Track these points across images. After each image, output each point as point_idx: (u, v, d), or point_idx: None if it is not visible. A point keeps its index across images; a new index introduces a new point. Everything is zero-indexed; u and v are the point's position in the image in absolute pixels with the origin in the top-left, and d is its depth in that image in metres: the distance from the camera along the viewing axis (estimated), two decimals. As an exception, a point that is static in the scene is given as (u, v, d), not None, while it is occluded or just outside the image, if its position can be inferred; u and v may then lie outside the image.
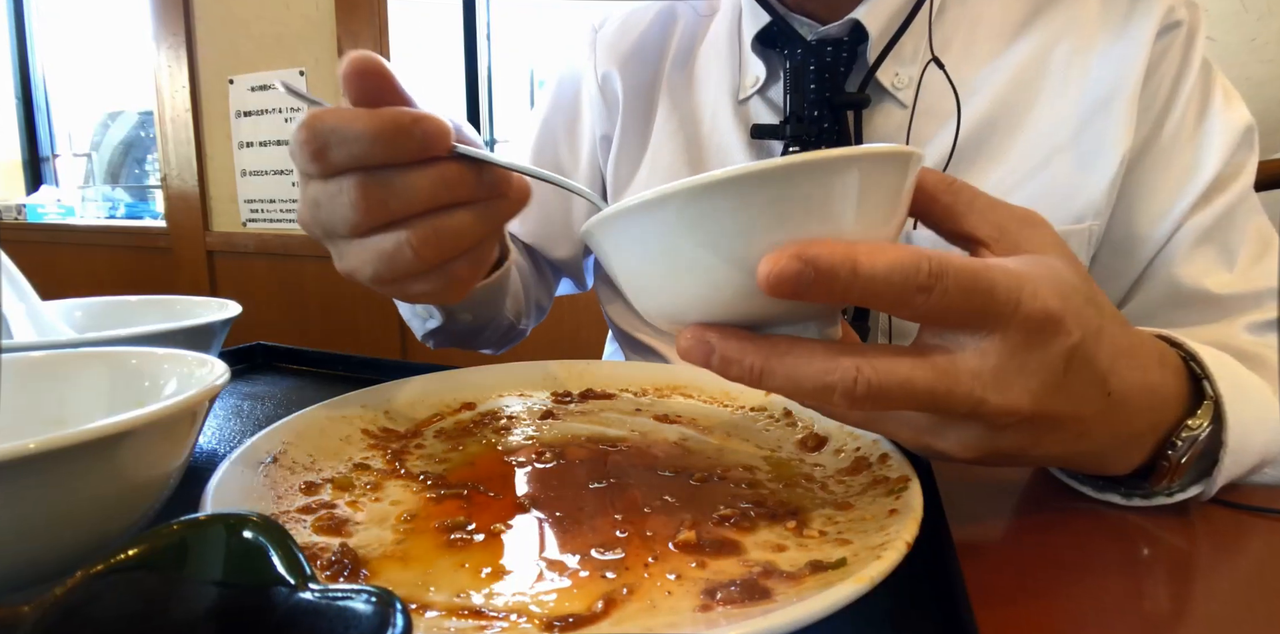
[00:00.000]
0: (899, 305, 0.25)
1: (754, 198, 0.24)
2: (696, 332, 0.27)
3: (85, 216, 2.80)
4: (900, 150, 0.26)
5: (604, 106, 0.69)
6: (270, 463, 0.34)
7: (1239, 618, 0.28)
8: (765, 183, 0.24)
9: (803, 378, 0.26)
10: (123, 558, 0.19)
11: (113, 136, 2.83)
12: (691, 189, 0.24)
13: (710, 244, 0.25)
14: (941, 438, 0.29)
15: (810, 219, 0.25)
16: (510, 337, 0.71)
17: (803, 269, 0.24)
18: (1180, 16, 0.54)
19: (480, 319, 0.60)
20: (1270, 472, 0.38)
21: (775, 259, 0.24)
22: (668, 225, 0.25)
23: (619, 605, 0.25)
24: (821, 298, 0.24)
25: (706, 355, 0.27)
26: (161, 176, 2.39)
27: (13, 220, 2.70)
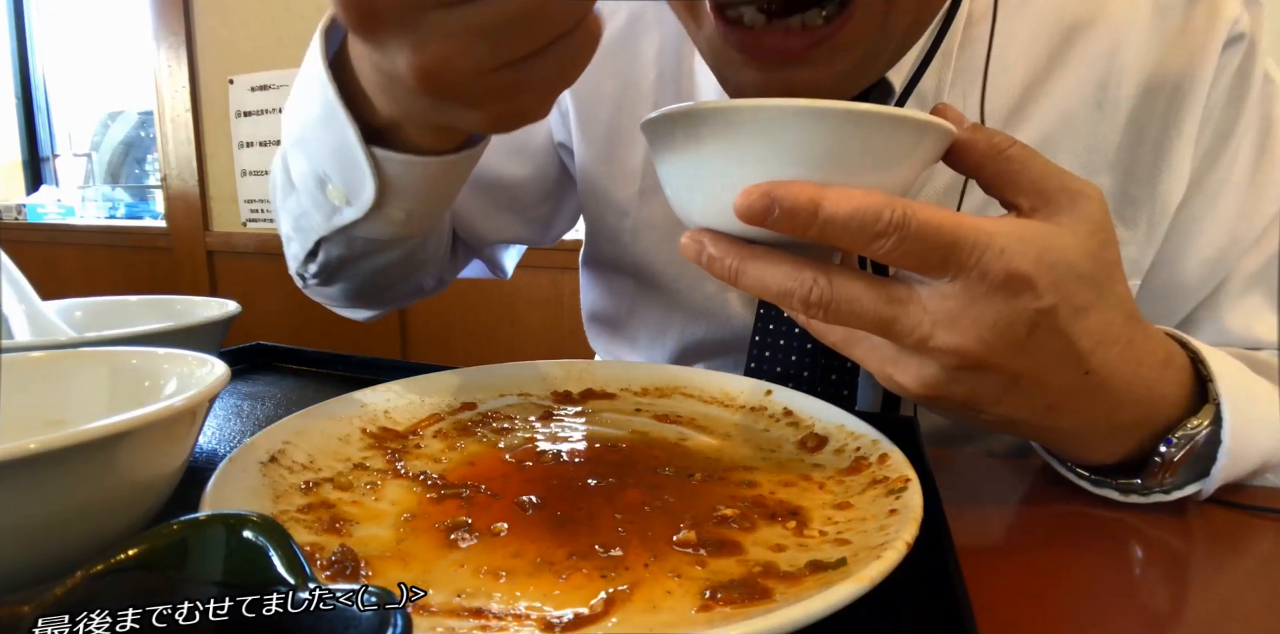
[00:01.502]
0: (859, 247, 0.28)
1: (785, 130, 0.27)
2: (696, 233, 0.31)
3: (85, 216, 2.80)
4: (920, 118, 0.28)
5: (557, 113, 0.61)
6: (270, 463, 0.34)
7: (1239, 618, 0.28)
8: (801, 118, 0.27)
9: (769, 280, 0.30)
10: (123, 558, 0.19)
11: (113, 136, 2.83)
12: (739, 108, 0.28)
13: (734, 160, 0.29)
14: (902, 369, 0.31)
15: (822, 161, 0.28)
16: (406, 289, 0.61)
17: (770, 206, 0.27)
18: (1244, 27, 0.46)
19: (413, 222, 0.46)
20: (1272, 477, 0.38)
21: (749, 193, 0.27)
22: (707, 136, 0.29)
23: (619, 605, 0.25)
24: (786, 231, 0.28)
25: (698, 252, 0.31)
26: (161, 176, 2.39)
27: (13, 220, 2.70)
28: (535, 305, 1.85)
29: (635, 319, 0.67)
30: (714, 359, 0.63)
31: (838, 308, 0.29)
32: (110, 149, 2.84)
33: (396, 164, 0.40)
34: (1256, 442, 0.34)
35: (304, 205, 0.47)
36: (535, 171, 0.65)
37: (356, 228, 0.46)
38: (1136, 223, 0.49)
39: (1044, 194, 0.30)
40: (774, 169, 0.28)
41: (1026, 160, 0.31)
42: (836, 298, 0.29)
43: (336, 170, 0.42)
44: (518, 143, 0.64)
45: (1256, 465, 0.36)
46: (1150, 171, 0.48)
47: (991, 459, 0.46)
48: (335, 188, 0.43)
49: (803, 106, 0.27)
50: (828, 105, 0.27)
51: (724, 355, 0.62)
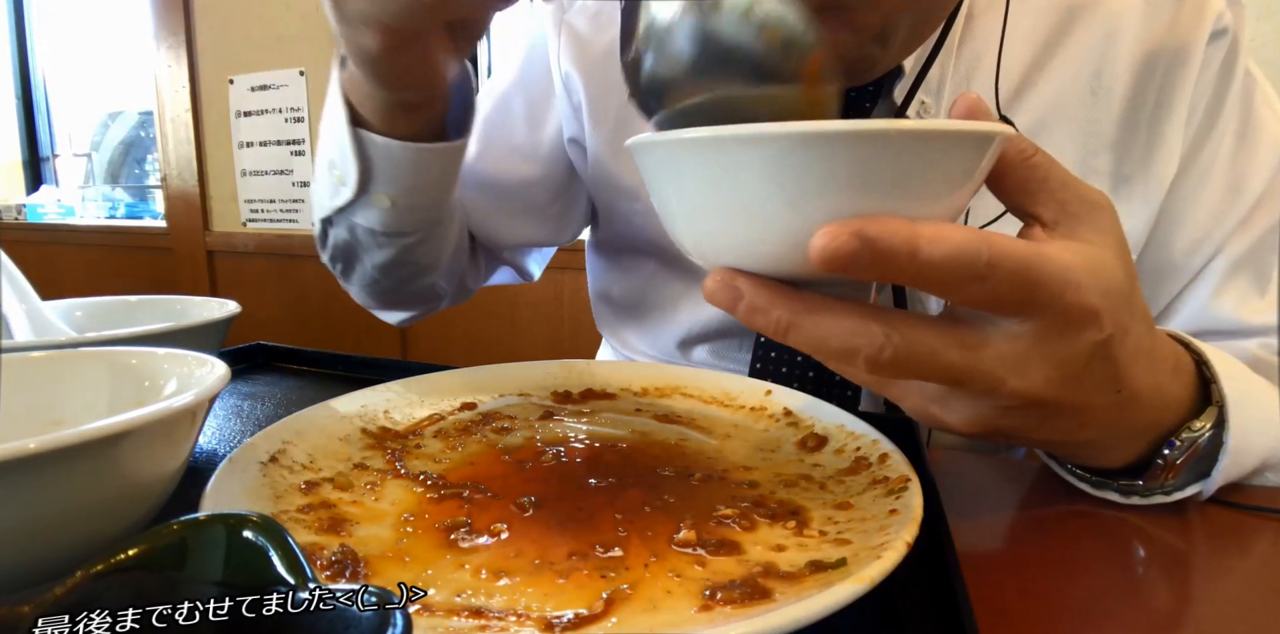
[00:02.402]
0: (949, 291, 0.25)
1: (842, 156, 0.23)
2: (726, 276, 0.26)
3: (85, 216, 2.80)
4: (994, 130, 0.25)
5: (569, 106, 0.63)
6: (270, 463, 0.34)
7: (1239, 618, 0.28)
8: (861, 143, 0.23)
9: (829, 338, 0.25)
10: (123, 558, 0.19)
11: (113, 136, 2.83)
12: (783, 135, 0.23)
13: (775, 194, 0.24)
14: (949, 410, 0.29)
15: (886, 187, 0.24)
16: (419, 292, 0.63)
17: (860, 250, 0.22)
18: (1227, 22, 0.50)
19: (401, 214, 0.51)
20: (1272, 476, 0.39)
21: (834, 233, 0.23)
22: (742, 165, 0.24)
23: (619, 605, 0.25)
24: (872, 277, 0.24)
25: (733, 301, 0.26)
26: (161, 176, 2.39)
27: (13, 220, 2.70)
28: (535, 305, 1.85)
29: (646, 298, 0.68)
30: (720, 340, 0.64)
31: (911, 366, 0.25)
32: (110, 149, 2.84)
33: (376, 146, 0.46)
34: (1257, 442, 0.35)
35: (318, 186, 0.53)
36: (545, 172, 0.66)
37: (353, 211, 0.51)
38: (1132, 199, 0.52)
39: (1064, 205, 0.29)
40: (833, 203, 0.24)
41: (1049, 168, 0.29)
42: (910, 355, 0.25)
43: (337, 152, 0.48)
44: (527, 146, 0.65)
45: (1256, 465, 0.36)
46: (1144, 153, 0.51)
47: (991, 459, 0.46)
48: (336, 169, 0.49)
49: (864, 130, 0.23)
50: (890, 127, 0.23)
51: (731, 337, 0.62)
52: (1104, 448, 0.34)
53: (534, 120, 0.65)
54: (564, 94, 0.62)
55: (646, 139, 0.27)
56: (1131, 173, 0.51)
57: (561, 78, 0.62)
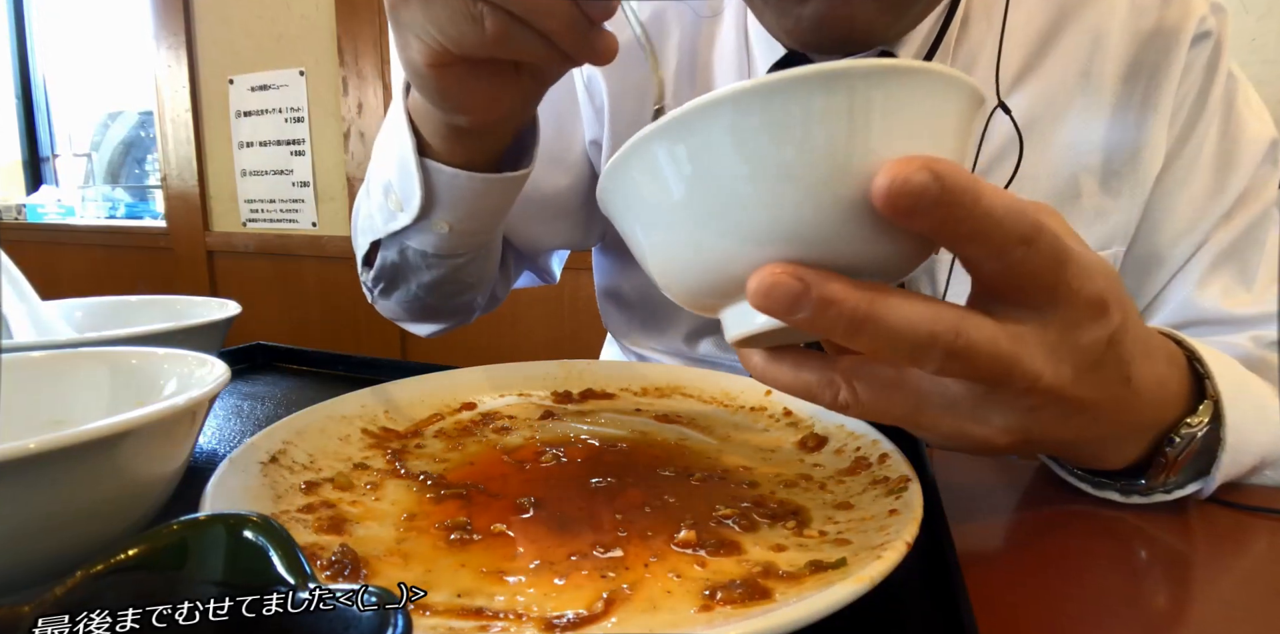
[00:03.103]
0: (997, 251, 0.23)
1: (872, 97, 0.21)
2: (788, 266, 0.22)
3: (85, 216, 2.80)
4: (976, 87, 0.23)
5: (592, 109, 0.64)
6: (270, 463, 0.34)
7: (1239, 618, 0.28)
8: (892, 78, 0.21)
9: (908, 328, 0.23)
10: (123, 558, 0.19)
11: (113, 136, 2.83)
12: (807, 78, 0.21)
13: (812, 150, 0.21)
14: (984, 422, 0.27)
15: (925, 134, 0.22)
16: (457, 307, 0.64)
17: (930, 184, 0.21)
18: (1210, 26, 0.52)
19: (457, 238, 0.51)
20: (1270, 474, 0.39)
21: (903, 166, 0.21)
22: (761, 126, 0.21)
23: (619, 605, 0.25)
24: (928, 225, 0.22)
25: (797, 295, 0.22)
26: (161, 176, 2.39)
27: (13, 220, 2.70)
28: (536, 305, 1.85)
29: (652, 295, 0.68)
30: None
31: (976, 353, 0.23)
32: (110, 149, 2.84)
33: (443, 175, 0.46)
34: (1254, 438, 0.35)
35: (372, 209, 0.53)
36: (576, 178, 0.67)
37: (408, 235, 0.51)
38: (1120, 193, 0.53)
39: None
40: (896, 146, 0.21)
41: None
42: (978, 341, 0.23)
43: (397, 178, 0.48)
44: (559, 155, 0.67)
45: (1255, 462, 0.36)
46: (1131, 149, 0.53)
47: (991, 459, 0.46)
48: (394, 194, 0.49)
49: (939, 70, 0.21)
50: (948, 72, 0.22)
51: None
52: (1109, 446, 0.34)
53: (562, 129, 0.66)
54: (587, 98, 0.64)
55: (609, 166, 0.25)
56: (1120, 168, 0.53)
57: (584, 81, 0.64)
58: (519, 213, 0.65)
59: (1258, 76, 1.26)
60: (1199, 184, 0.53)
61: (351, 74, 1.98)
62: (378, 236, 0.53)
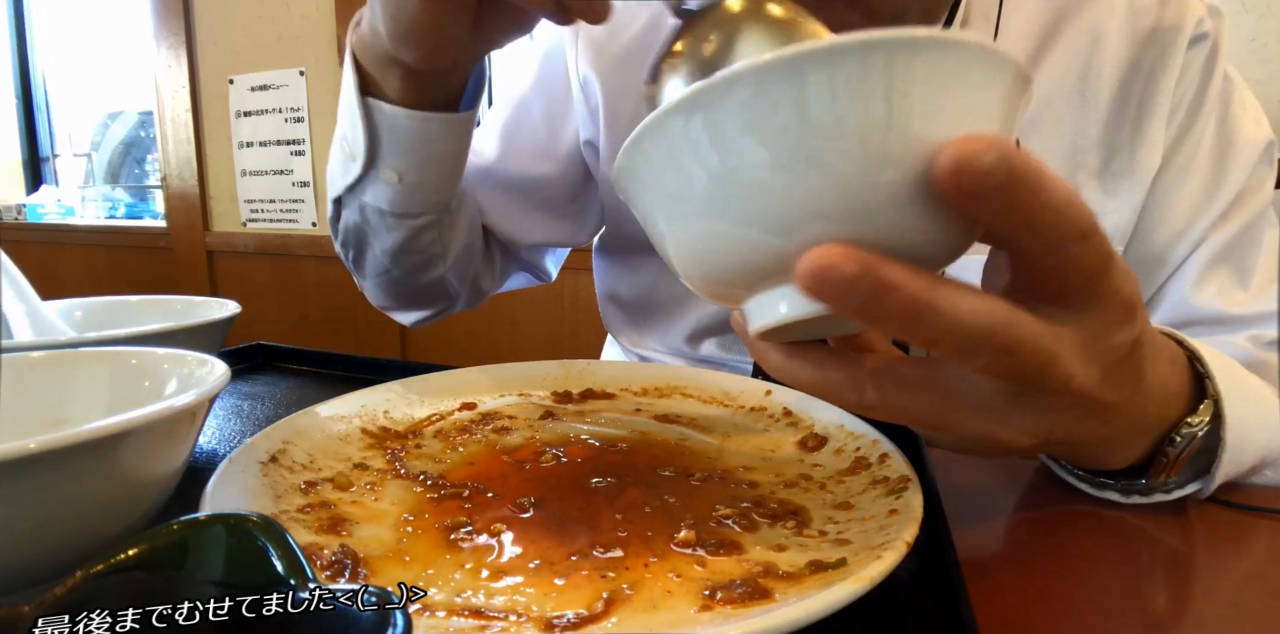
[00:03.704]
0: (1052, 248, 0.22)
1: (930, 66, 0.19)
2: (845, 247, 0.20)
3: (85, 216, 2.80)
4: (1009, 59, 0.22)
5: (586, 110, 0.64)
6: (270, 463, 0.34)
7: (1239, 618, 0.28)
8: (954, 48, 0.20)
9: (968, 320, 0.21)
10: (123, 558, 0.19)
11: (113, 136, 2.83)
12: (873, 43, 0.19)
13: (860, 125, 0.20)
14: (1009, 424, 0.26)
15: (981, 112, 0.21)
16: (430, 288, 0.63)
17: (997, 166, 0.19)
18: (1207, 28, 0.52)
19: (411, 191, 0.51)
20: (1271, 474, 0.39)
21: (971, 144, 0.19)
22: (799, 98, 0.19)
23: (619, 605, 0.25)
24: (989, 210, 0.20)
25: (853, 278, 0.20)
26: (161, 176, 2.39)
27: (13, 220, 2.70)
28: (535, 305, 1.85)
29: (653, 296, 0.69)
30: (728, 334, 0.65)
31: (1025, 346, 0.22)
32: (110, 149, 2.84)
33: (384, 114, 0.47)
34: (1254, 437, 0.35)
35: (333, 166, 0.54)
36: (562, 171, 0.67)
37: (362, 190, 0.52)
38: (1118, 192, 0.54)
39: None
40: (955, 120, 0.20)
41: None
42: (1028, 334, 0.22)
43: (348, 124, 0.49)
44: (547, 146, 0.67)
45: (1255, 461, 0.36)
46: (1129, 149, 0.53)
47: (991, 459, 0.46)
48: (345, 143, 0.50)
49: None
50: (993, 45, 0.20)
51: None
52: (1114, 447, 0.34)
53: (552, 122, 0.66)
54: (582, 98, 0.64)
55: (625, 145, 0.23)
56: (1118, 169, 0.54)
57: (580, 82, 0.63)
58: (501, 202, 0.66)
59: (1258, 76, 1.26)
60: (1195, 184, 0.53)
61: (351, 74, 1.98)
62: (338, 193, 0.54)
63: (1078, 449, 0.34)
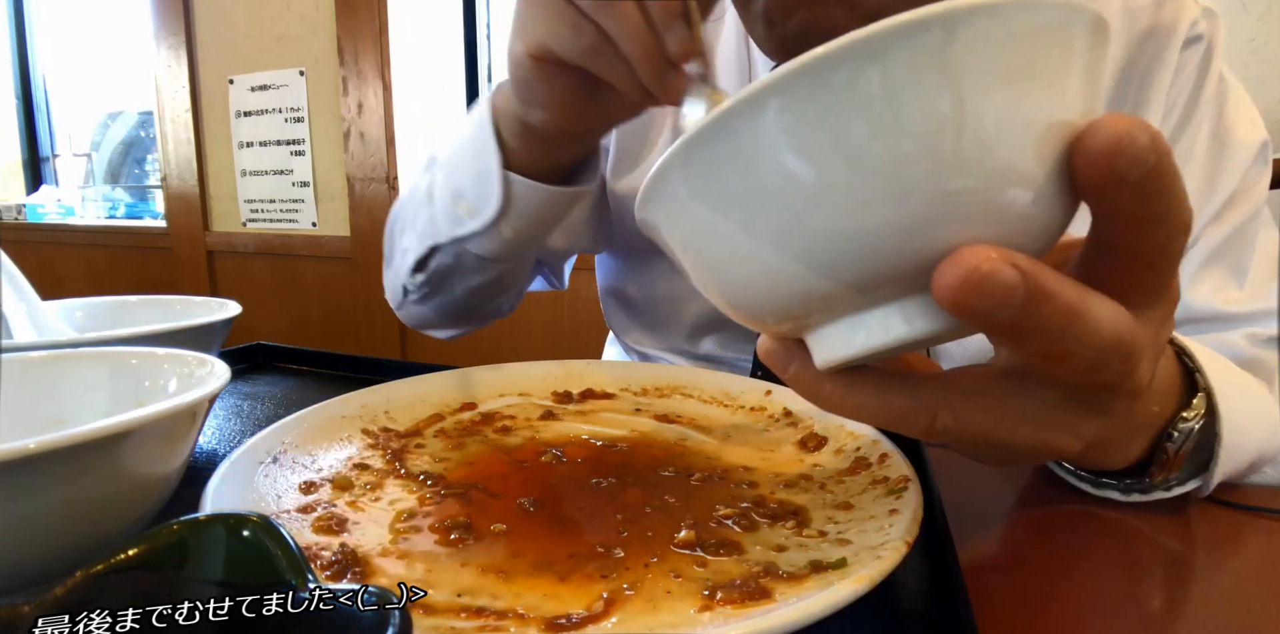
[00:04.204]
0: (1169, 241, 0.20)
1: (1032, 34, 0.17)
2: (999, 251, 0.18)
3: (85, 216, 2.80)
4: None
5: None
6: (270, 463, 0.34)
7: (1239, 618, 0.28)
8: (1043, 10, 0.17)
9: (1107, 328, 0.19)
10: (123, 558, 0.19)
11: (113, 136, 2.83)
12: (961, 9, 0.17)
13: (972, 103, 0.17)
14: (1067, 431, 0.25)
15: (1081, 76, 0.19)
16: (490, 309, 0.66)
17: (1149, 150, 0.17)
18: (1201, 30, 0.53)
19: (517, 244, 0.53)
20: (1270, 472, 0.39)
21: (1127, 121, 0.17)
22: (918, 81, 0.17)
23: (619, 605, 0.25)
24: (1130, 197, 0.18)
25: (1014, 284, 0.17)
26: (161, 176, 2.39)
27: (13, 220, 2.70)
28: (536, 305, 1.85)
29: (655, 293, 0.69)
30: (728, 331, 0.66)
31: (1138, 352, 0.21)
32: (110, 149, 2.84)
33: (520, 186, 0.48)
34: (1251, 431, 0.35)
35: (435, 216, 0.54)
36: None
37: (469, 241, 0.53)
38: None
39: None
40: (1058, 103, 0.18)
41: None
42: (1142, 340, 0.21)
43: (472, 188, 0.50)
44: None
45: (1254, 458, 0.36)
46: None
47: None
48: (466, 202, 0.51)
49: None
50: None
51: (737, 327, 0.64)
52: (1115, 446, 0.34)
53: None
54: None
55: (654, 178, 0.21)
56: None
57: None
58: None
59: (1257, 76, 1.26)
60: (1190, 184, 0.52)
61: (351, 74, 1.98)
62: (439, 241, 0.54)
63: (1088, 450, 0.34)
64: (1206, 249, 0.53)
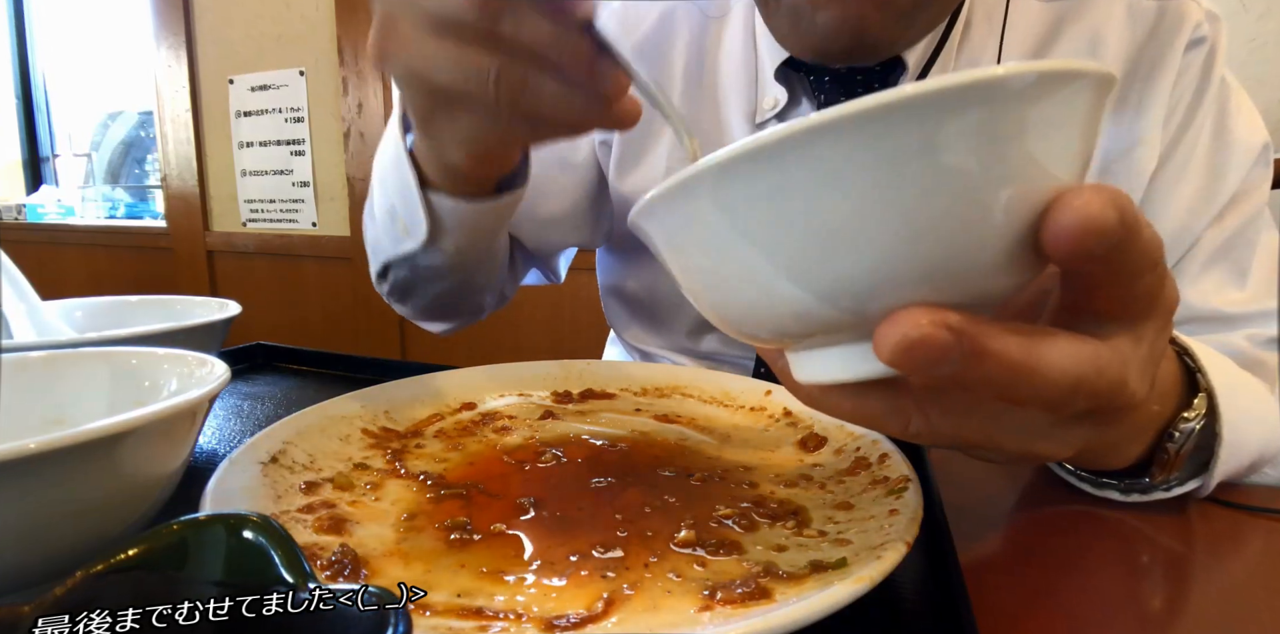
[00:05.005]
0: (1131, 281, 0.21)
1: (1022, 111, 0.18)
2: (931, 313, 0.18)
3: (85, 216, 2.80)
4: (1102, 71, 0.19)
5: None
6: (270, 463, 0.34)
7: (1239, 618, 0.28)
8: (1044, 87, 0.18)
9: (1063, 377, 0.20)
10: (123, 558, 0.19)
11: (113, 136, 2.83)
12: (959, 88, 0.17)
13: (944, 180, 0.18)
14: (1055, 439, 0.25)
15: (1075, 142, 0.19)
16: (468, 309, 0.66)
17: (1116, 225, 0.18)
18: (1204, 32, 0.53)
19: (464, 254, 0.52)
20: (1271, 472, 0.39)
21: (1097, 202, 0.18)
22: (871, 159, 0.18)
23: (619, 605, 0.25)
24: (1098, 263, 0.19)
25: (946, 350, 0.18)
26: (161, 176, 2.39)
27: (13, 220, 2.70)
28: (536, 305, 1.86)
29: (656, 291, 0.69)
30: None
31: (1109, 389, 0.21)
32: (110, 149, 2.84)
33: (445, 207, 0.46)
34: (1251, 431, 0.35)
35: (378, 232, 0.54)
36: (581, 178, 0.67)
37: (416, 257, 0.51)
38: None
39: None
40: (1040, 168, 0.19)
41: None
42: (1112, 375, 0.21)
43: (402, 207, 0.48)
44: (565, 155, 0.67)
45: (1254, 458, 0.36)
46: (1126, 150, 0.54)
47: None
48: (401, 220, 0.49)
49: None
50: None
51: None
52: (1118, 446, 0.34)
53: None
54: None
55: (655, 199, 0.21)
56: (1115, 169, 0.54)
57: None
58: (527, 217, 0.66)
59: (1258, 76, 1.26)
60: (1192, 186, 0.54)
61: (351, 74, 1.98)
62: (388, 258, 0.54)
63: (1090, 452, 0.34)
64: (1208, 250, 0.53)
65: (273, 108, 2.15)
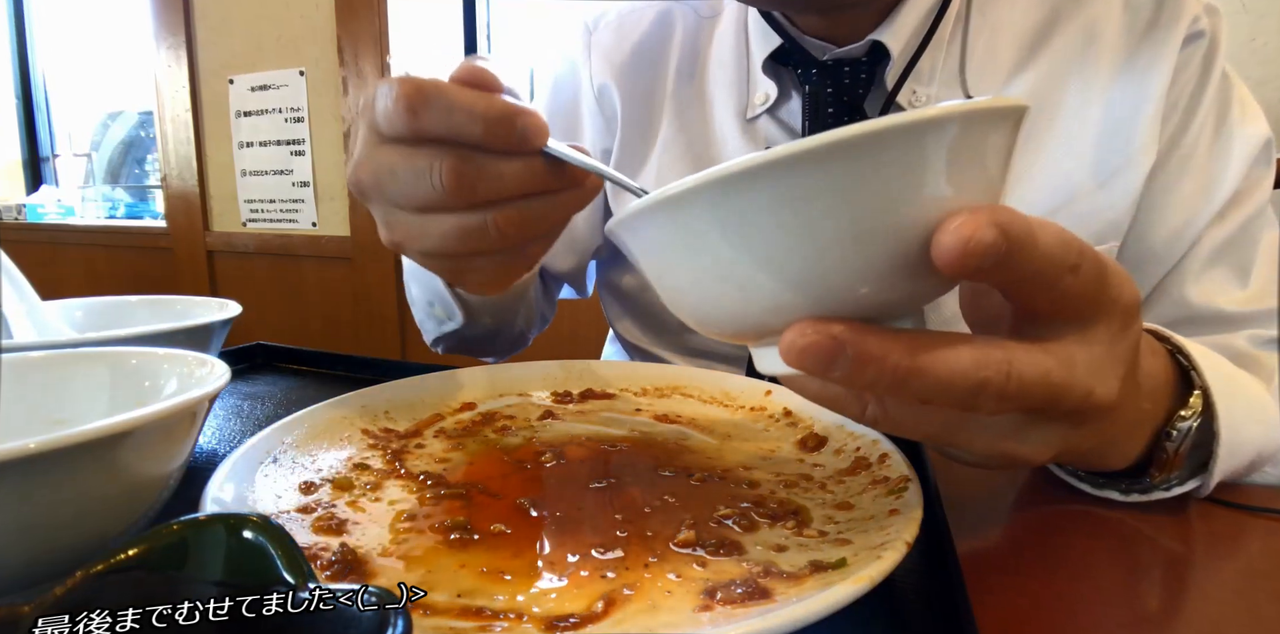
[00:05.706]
0: (1047, 288, 0.22)
1: (908, 155, 0.20)
2: (816, 325, 0.21)
3: (85, 216, 2.80)
4: (1017, 105, 0.22)
5: (602, 119, 0.66)
6: (270, 463, 0.34)
7: (1238, 618, 0.28)
8: (930, 132, 0.20)
9: (958, 377, 0.22)
10: (123, 558, 0.19)
11: (113, 136, 2.83)
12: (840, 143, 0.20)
13: (837, 213, 0.20)
14: (1026, 441, 0.26)
15: (964, 181, 0.21)
16: (516, 344, 0.70)
17: (998, 242, 0.20)
18: (1203, 26, 0.53)
19: (498, 322, 0.59)
20: (1271, 471, 0.38)
21: (971, 225, 0.20)
22: (785, 193, 0.21)
23: (619, 605, 0.25)
24: (992, 277, 0.21)
25: (832, 355, 0.21)
26: (161, 176, 2.39)
27: (13, 220, 2.70)
28: (535, 305, 1.85)
29: (647, 287, 0.69)
30: None
31: (1028, 390, 0.22)
32: (110, 149, 2.84)
33: (475, 300, 0.53)
34: (1249, 429, 0.35)
35: (421, 317, 0.62)
36: (595, 204, 0.69)
37: (461, 331, 0.58)
38: (1114, 188, 0.54)
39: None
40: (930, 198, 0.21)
41: None
42: (1029, 377, 0.22)
43: (438, 300, 0.55)
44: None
45: (1253, 457, 0.36)
46: (1124, 145, 0.54)
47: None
48: (439, 308, 0.56)
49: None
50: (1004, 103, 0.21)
51: None
52: (1112, 447, 0.34)
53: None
54: (597, 109, 0.66)
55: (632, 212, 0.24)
56: (1115, 165, 0.54)
57: (596, 92, 0.66)
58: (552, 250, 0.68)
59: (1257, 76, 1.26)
60: (1193, 182, 0.53)
61: (351, 74, 1.98)
62: (436, 336, 0.62)
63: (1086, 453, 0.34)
64: (1209, 248, 0.52)
65: (273, 108, 2.15)
